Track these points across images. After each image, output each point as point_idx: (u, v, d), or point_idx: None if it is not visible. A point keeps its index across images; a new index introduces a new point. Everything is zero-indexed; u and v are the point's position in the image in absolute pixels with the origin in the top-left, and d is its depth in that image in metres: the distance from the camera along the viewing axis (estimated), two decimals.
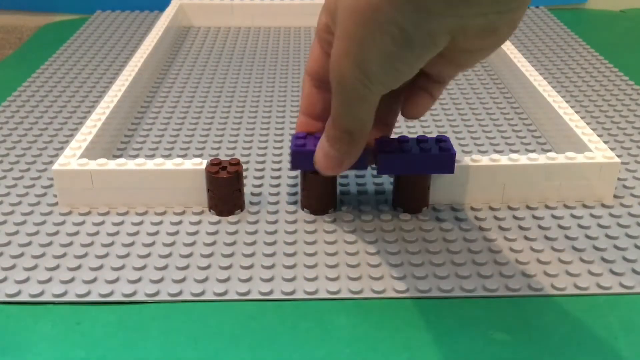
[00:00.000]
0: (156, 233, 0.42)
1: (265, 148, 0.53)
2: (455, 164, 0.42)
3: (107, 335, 0.34)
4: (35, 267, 0.38)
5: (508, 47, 0.66)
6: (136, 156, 0.52)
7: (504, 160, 0.44)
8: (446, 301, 0.36)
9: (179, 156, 0.51)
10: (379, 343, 0.34)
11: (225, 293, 0.37)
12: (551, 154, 0.44)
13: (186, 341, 0.34)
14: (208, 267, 0.39)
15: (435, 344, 0.34)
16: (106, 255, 0.39)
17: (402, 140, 0.42)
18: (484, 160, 0.43)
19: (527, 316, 0.35)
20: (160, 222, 0.43)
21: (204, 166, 0.43)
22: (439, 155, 0.41)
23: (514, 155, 0.44)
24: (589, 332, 0.34)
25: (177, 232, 0.42)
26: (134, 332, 0.34)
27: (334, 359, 0.33)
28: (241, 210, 0.44)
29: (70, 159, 0.44)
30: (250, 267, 0.39)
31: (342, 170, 0.38)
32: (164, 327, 0.35)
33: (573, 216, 0.43)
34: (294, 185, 0.47)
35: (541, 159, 0.44)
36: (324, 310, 0.36)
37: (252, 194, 0.46)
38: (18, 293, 0.36)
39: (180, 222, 0.43)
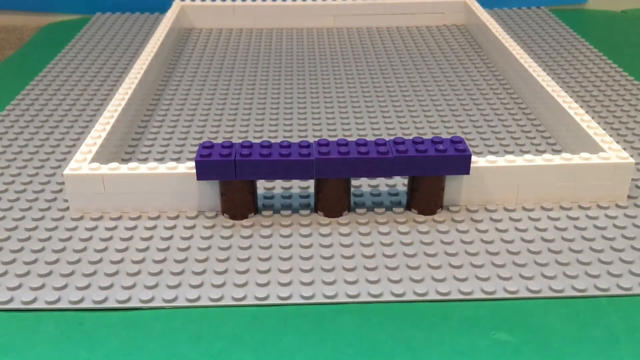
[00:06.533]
0: (170, 238, 0.41)
1: None
2: (471, 165, 0.42)
3: (110, 335, 0.34)
4: (49, 273, 0.38)
5: (513, 47, 0.65)
6: (145, 160, 0.51)
7: (519, 161, 0.43)
8: (449, 302, 0.36)
9: (189, 159, 0.51)
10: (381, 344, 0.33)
11: (243, 298, 0.36)
12: (565, 155, 0.44)
13: (188, 342, 0.33)
14: (225, 271, 0.38)
15: (437, 344, 0.33)
16: (121, 261, 0.39)
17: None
18: (499, 162, 0.43)
19: (531, 317, 0.35)
20: (174, 227, 0.42)
21: None
22: (454, 156, 0.41)
23: (528, 156, 0.44)
24: (592, 333, 0.34)
25: (191, 237, 0.41)
26: (136, 333, 0.34)
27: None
28: (254, 214, 0.44)
29: (82, 163, 0.43)
30: (268, 271, 0.38)
31: None
32: (166, 328, 0.34)
33: (588, 217, 0.43)
34: (307, 188, 0.47)
35: (556, 159, 0.43)
36: (328, 312, 0.36)
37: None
38: (34, 300, 0.36)
39: (194, 227, 0.42)
